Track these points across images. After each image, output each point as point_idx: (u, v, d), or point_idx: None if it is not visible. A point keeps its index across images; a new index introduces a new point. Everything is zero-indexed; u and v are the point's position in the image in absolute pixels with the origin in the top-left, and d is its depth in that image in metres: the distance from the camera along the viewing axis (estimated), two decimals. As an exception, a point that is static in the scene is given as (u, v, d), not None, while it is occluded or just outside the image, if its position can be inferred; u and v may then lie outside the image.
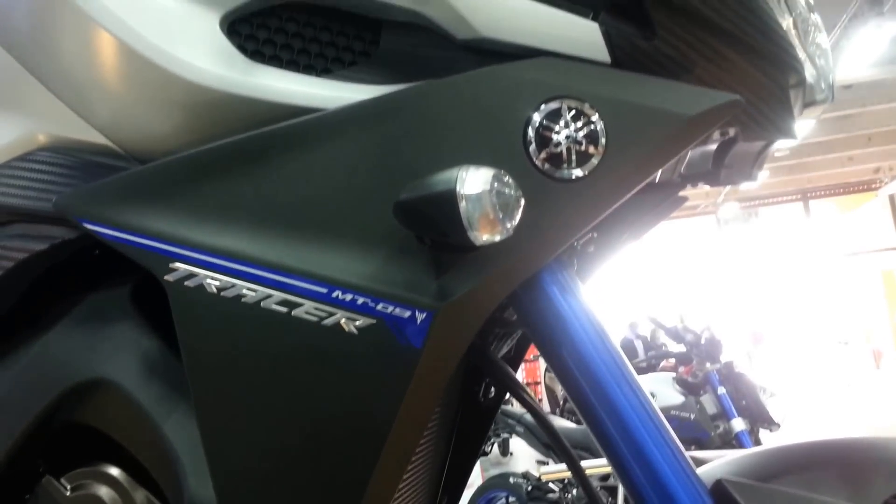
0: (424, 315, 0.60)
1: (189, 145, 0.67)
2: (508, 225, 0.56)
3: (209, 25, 0.68)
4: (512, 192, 0.57)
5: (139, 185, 0.66)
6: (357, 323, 0.61)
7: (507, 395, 1.25)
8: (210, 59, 0.67)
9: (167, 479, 0.68)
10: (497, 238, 0.56)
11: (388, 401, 0.61)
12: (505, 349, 1.01)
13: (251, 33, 0.71)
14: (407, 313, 0.60)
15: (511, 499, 3.88)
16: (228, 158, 0.65)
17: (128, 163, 0.71)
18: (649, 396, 0.69)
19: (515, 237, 0.58)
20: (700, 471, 0.70)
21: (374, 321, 0.61)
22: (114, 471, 0.71)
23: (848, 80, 7.95)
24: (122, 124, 0.71)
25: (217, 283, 0.63)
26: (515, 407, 4.38)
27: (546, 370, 8.27)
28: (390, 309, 0.61)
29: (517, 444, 6.95)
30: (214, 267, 0.63)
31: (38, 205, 0.70)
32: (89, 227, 0.65)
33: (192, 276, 0.63)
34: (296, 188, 0.64)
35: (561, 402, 6.95)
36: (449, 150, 0.62)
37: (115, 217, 0.65)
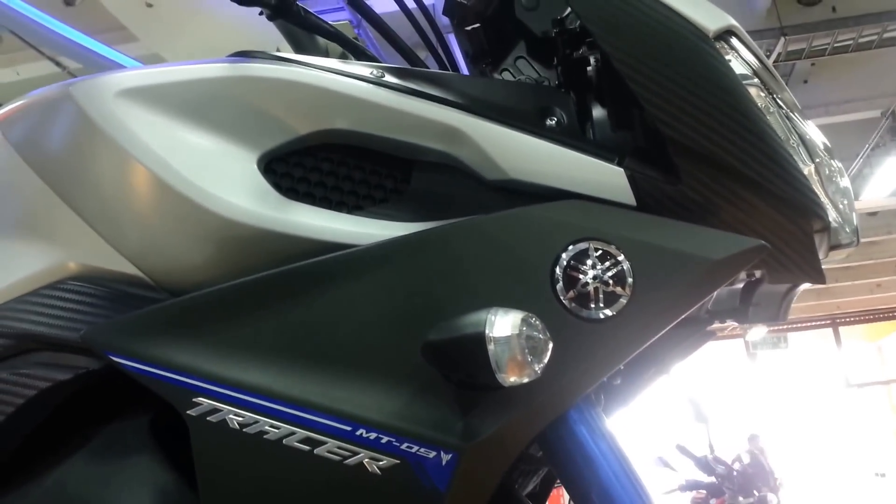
0: (450, 456, 0.59)
1: (220, 278, 0.68)
2: (537, 367, 0.56)
3: (246, 164, 0.71)
4: (540, 335, 0.57)
5: (167, 320, 0.67)
6: (381, 463, 0.60)
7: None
8: (245, 197, 0.69)
9: None
10: (525, 380, 0.56)
11: None
12: (530, 486, 0.98)
13: (287, 171, 0.73)
14: (432, 454, 0.59)
15: None
16: (257, 294, 0.66)
17: (158, 294, 0.71)
18: None
19: (543, 378, 0.57)
20: None
21: (398, 461, 0.60)
22: None
23: (873, 207, 7.99)
24: (155, 256, 0.72)
25: (240, 419, 0.62)
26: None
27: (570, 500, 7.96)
28: (415, 449, 0.60)
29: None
30: (238, 402, 0.63)
31: (65, 334, 0.70)
32: (116, 359, 0.65)
33: (215, 411, 0.63)
34: (323, 324, 0.65)
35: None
36: (477, 289, 0.63)
37: (142, 351, 0.65)
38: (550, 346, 0.57)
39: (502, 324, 0.55)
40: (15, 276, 0.74)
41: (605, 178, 0.68)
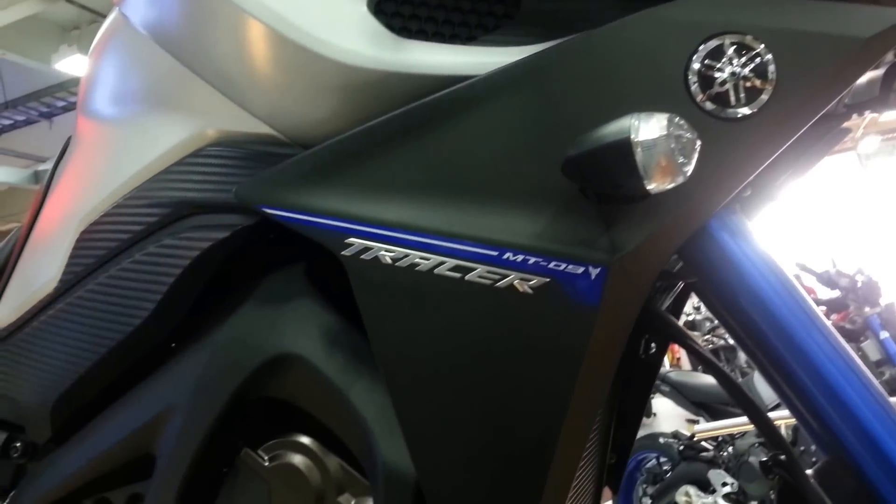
0: (598, 270, 0.60)
1: (348, 127, 0.70)
2: (686, 169, 0.55)
3: (357, 8, 0.70)
4: (688, 134, 0.55)
5: (310, 169, 0.69)
6: (531, 283, 0.61)
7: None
8: (361, 41, 0.69)
9: (358, 445, 0.71)
10: (672, 184, 0.55)
11: (570, 359, 0.61)
12: (667, 302, 0.99)
13: (396, 10, 0.72)
14: (580, 270, 0.60)
15: (662, 459, 3.82)
16: (389, 134, 0.67)
17: (292, 150, 0.73)
18: (842, 339, 0.66)
19: (687, 183, 0.56)
20: None
21: (547, 280, 0.61)
22: (307, 440, 0.75)
23: None
24: (283, 113, 0.74)
25: (392, 254, 0.65)
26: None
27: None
28: (563, 267, 0.61)
29: (660, 405, 6.83)
30: (387, 239, 0.65)
31: (217, 196, 0.74)
32: (269, 211, 0.69)
33: (367, 249, 0.65)
34: (457, 155, 0.65)
35: (704, 359, 6.72)
36: (609, 101, 0.61)
37: (292, 201, 0.68)
38: (698, 145, 0.56)
39: (648, 127, 0.54)
40: (160, 150, 0.78)
41: None
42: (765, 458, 0.72)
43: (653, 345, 1.00)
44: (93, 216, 0.83)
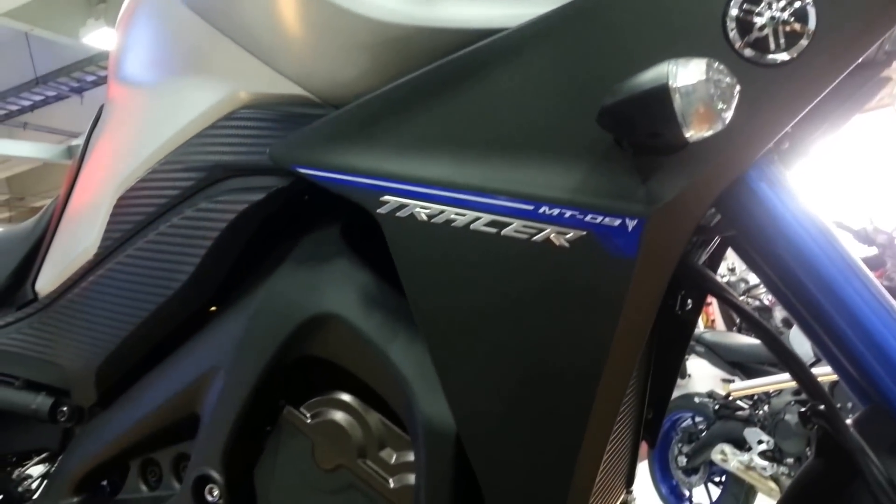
0: (635, 222, 0.59)
1: (380, 85, 0.69)
2: (725, 116, 0.54)
3: None
4: (727, 79, 0.54)
5: (342, 128, 0.69)
6: (567, 236, 0.61)
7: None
8: None
9: (398, 401, 0.72)
10: (711, 132, 0.54)
11: (607, 312, 0.61)
12: (703, 258, 0.98)
13: None
14: (617, 222, 0.60)
15: (697, 419, 3.81)
16: (422, 90, 0.67)
17: (324, 110, 0.74)
18: (883, 289, 0.65)
19: (725, 131, 0.55)
20: None
21: (584, 233, 0.61)
22: (348, 397, 0.76)
23: None
24: (315, 73, 0.74)
25: (427, 211, 0.65)
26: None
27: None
28: (599, 219, 0.60)
29: (695, 366, 6.81)
30: (422, 196, 0.65)
31: (251, 158, 0.75)
32: (304, 171, 0.69)
33: (402, 207, 0.66)
34: (491, 110, 0.65)
35: (738, 320, 6.68)
36: (645, 49, 0.60)
37: (326, 160, 0.69)
38: (738, 90, 0.55)
39: (686, 72, 0.53)
40: (193, 114, 0.79)
41: None
42: (803, 409, 0.71)
43: (689, 300, 0.99)
44: (129, 182, 0.84)
